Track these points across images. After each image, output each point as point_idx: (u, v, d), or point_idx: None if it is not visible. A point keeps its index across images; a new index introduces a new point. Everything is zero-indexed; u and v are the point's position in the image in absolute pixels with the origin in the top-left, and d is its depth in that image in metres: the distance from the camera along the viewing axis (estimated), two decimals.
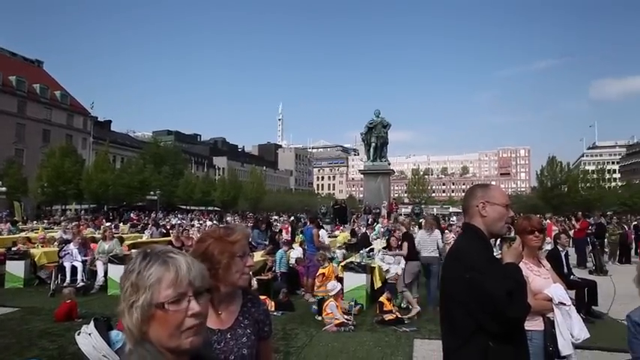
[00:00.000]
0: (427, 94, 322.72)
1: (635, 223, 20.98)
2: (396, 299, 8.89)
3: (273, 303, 8.63)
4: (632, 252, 17.40)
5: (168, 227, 21.80)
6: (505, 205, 2.17)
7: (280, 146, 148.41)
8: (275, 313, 8.25)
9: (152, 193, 49.88)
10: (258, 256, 10.93)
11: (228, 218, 38.60)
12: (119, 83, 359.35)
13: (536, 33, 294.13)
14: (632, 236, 17.51)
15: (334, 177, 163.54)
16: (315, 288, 9.14)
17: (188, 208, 54.27)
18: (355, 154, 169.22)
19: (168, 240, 13.44)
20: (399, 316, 7.92)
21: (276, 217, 36.65)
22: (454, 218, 34.92)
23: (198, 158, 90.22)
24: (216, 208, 60.79)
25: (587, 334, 3.01)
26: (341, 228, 22.60)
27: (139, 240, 15.39)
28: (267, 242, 13.61)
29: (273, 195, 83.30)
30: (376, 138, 28.99)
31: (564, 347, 2.90)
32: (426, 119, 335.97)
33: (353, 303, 8.28)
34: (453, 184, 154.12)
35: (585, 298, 8.13)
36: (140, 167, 51.81)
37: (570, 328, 2.94)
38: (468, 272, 1.98)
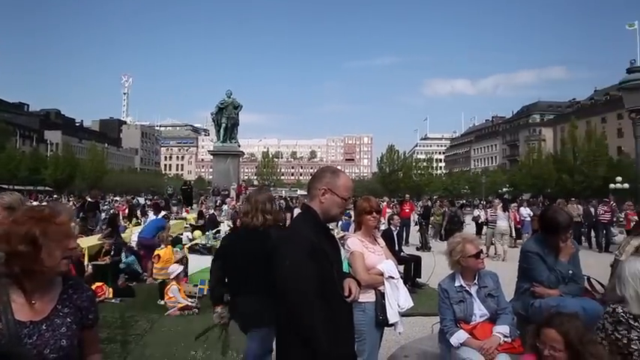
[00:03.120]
0: (280, 79, 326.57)
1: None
2: None
3: (110, 289, 8.04)
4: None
5: None
6: (344, 197, 2.23)
7: (125, 122, 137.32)
8: (113, 300, 7.71)
9: None
10: (94, 239, 10.09)
11: (62, 199, 34.84)
12: None
13: (380, 30, 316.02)
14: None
15: (183, 157, 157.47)
16: (155, 271, 8.74)
17: (11, 187, 47.56)
18: (206, 135, 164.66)
19: None
20: None
21: (117, 199, 34.13)
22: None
23: (24, 131, 79.23)
24: (47, 188, 54.38)
25: (411, 304, 3.38)
26: (189, 209, 21.93)
27: None
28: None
29: (115, 175, 77.24)
30: (227, 119, 28.49)
31: (392, 316, 3.22)
32: (277, 103, 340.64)
33: (203, 286, 8.12)
34: (302, 167, 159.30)
35: (411, 272, 9.10)
36: None
37: (397, 299, 3.27)
38: (289, 258, 2.02)
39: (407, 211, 17.66)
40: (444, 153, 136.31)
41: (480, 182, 68.01)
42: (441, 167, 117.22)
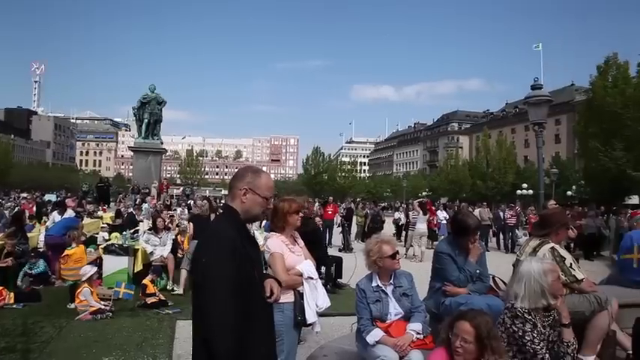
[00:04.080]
0: (206, 76, 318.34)
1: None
2: (160, 281, 8.63)
3: (12, 294, 7.44)
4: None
5: None
6: (266, 197, 2.23)
7: (36, 113, 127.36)
8: (14, 306, 7.15)
9: None
10: None
11: None
12: None
13: (310, 33, 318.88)
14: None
15: (101, 152, 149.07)
16: (63, 272, 8.22)
17: None
18: (126, 130, 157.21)
19: None
20: (162, 298, 7.71)
21: (24, 195, 31.66)
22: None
23: None
24: None
25: (328, 303, 3.45)
26: (105, 208, 20.81)
27: None
28: None
29: (23, 169, 71.62)
30: (149, 114, 27.33)
31: (310, 316, 3.26)
32: (203, 101, 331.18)
33: (119, 288, 7.78)
34: (227, 167, 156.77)
35: (333, 272, 9.26)
36: None
37: (316, 299, 3.32)
38: (206, 256, 2.01)
39: (330, 212, 18.00)
40: (368, 157, 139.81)
41: (401, 186, 70.51)
42: (364, 170, 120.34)
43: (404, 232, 18.12)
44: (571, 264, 4.12)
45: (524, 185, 41.47)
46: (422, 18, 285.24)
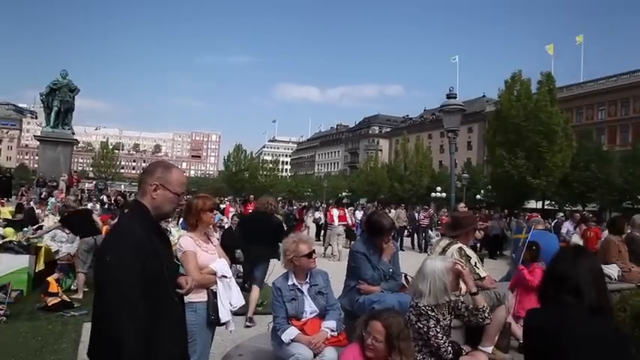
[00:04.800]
0: (125, 65, 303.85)
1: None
2: (66, 280, 8.08)
3: None
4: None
5: None
6: (178, 193, 2.16)
7: None
8: None
9: None
10: None
11: None
12: None
13: (235, 28, 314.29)
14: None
15: (1, 141, 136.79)
16: None
17: None
18: (32, 117, 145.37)
19: None
20: (66, 299, 7.19)
21: None
22: None
23: None
24: None
25: (242, 302, 3.41)
26: (4, 201, 19.11)
27: None
28: None
29: None
30: (60, 102, 25.41)
31: (224, 315, 3.22)
32: (121, 91, 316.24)
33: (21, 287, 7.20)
34: (145, 161, 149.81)
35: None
36: None
37: (230, 297, 3.28)
38: (110, 254, 1.92)
39: (250, 211, 17.82)
40: (290, 156, 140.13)
41: (322, 186, 71.40)
42: (286, 169, 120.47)
43: (322, 232, 18.39)
44: (476, 263, 4.44)
45: (439, 188, 43.71)
46: (347, 22, 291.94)
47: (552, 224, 18.14)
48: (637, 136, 45.23)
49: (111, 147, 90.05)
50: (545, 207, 36.91)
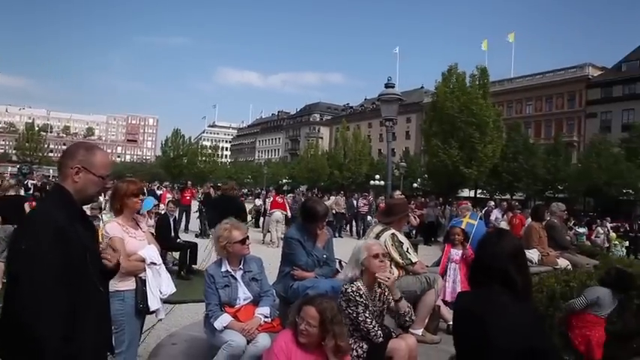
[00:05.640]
0: (53, 39, 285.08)
1: None
2: None
3: None
4: None
5: None
6: (102, 176, 2.06)
7: None
8: None
9: None
10: None
11: None
12: None
13: (175, 7, 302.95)
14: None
15: None
16: None
17: None
18: None
19: None
20: None
21: None
22: None
23: None
24: None
25: (173, 289, 3.34)
26: None
27: None
28: None
29: None
30: None
31: (153, 303, 3.13)
32: (49, 67, 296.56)
33: None
34: None
35: (187, 258, 8.99)
36: None
37: (159, 285, 3.19)
38: (26, 242, 1.81)
39: (188, 198, 17.46)
40: (230, 142, 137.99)
41: (262, 173, 70.92)
42: (226, 156, 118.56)
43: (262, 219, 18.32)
44: (407, 248, 4.60)
45: (377, 176, 44.59)
46: (288, 9, 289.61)
47: (483, 212, 19.08)
48: (559, 130, 48.64)
49: (37, 129, 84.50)
50: (478, 196, 38.66)
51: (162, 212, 10.31)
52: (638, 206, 37.39)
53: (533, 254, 6.73)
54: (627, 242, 20.19)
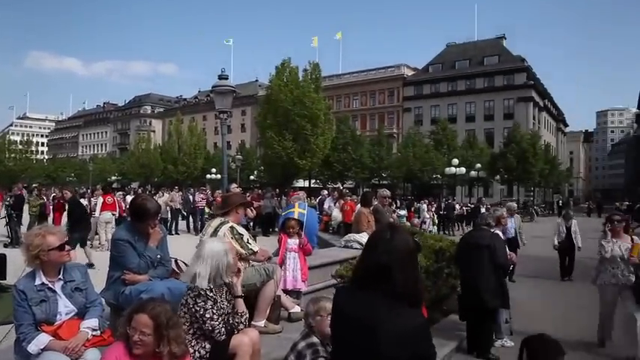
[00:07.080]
0: None
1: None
2: None
3: None
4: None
5: None
6: None
7: None
8: None
9: None
10: None
11: None
12: None
13: None
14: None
15: None
16: None
17: None
18: None
19: None
20: None
21: None
22: None
23: None
24: None
25: None
26: None
27: None
28: None
29: None
30: None
31: None
32: None
33: None
34: None
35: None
36: None
37: None
38: None
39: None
40: (47, 136, 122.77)
41: (87, 170, 64.60)
42: (43, 152, 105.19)
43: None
44: (248, 239, 4.59)
45: (214, 170, 43.87)
46: None
47: (317, 201, 20.07)
48: (381, 123, 54.07)
49: None
50: (312, 185, 40.56)
51: None
52: (444, 189, 43.38)
53: (363, 238, 7.27)
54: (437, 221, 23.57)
